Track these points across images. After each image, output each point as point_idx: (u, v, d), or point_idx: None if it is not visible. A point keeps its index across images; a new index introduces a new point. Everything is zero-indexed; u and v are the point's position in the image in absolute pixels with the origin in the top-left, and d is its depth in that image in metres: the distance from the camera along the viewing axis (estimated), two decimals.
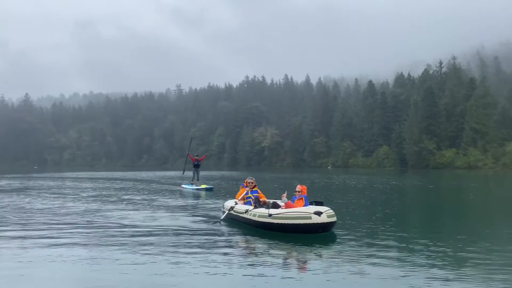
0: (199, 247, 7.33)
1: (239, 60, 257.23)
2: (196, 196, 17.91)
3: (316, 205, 8.87)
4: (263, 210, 8.80)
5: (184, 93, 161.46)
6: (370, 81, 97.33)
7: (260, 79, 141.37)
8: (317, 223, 7.89)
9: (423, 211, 13.92)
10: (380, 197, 17.45)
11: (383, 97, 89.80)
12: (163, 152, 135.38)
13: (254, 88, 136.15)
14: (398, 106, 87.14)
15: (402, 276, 5.53)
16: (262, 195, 10.43)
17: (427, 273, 5.65)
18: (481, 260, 6.31)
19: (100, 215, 11.28)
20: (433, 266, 6.00)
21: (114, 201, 15.26)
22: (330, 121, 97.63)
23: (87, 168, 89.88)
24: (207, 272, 5.79)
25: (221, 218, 10.15)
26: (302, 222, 7.94)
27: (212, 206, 13.78)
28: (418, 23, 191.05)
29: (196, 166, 22.88)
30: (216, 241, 7.86)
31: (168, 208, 13.15)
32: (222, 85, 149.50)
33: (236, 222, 9.74)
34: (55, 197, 16.90)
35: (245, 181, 10.75)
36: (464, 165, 68.13)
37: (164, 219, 10.56)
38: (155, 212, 12.01)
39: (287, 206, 8.96)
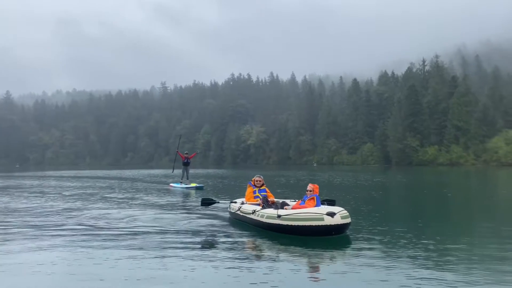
0: (201, 248, 6.98)
1: (224, 58, 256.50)
2: (186, 195, 17.25)
3: (328, 204, 8.45)
4: (271, 211, 8.30)
5: (169, 91, 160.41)
6: (355, 79, 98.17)
7: (246, 76, 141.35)
8: (330, 225, 7.36)
9: (428, 208, 14.12)
10: (372, 194, 17.65)
11: (367, 95, 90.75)
12: (148, 150, 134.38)
13: (239, 86, 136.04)
14: (382, 104, 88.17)
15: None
16: (270, 194, 9.92)
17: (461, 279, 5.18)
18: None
19: (85, 215, 10.98)
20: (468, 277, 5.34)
21: (99, 201, 14.99)
22: (315, 118, 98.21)
23: (71, 167, 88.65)
24: (208, 276, 5.43)
25: (220, 201, 10.27)
26: (314, 224, 7.40)
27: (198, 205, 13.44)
28: (402, 22, 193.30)
29: (186, 164, 22.12)
30: (220, 243, 7.46)
31: (158, 208, 12.58)
32: (207, 83, 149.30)
33: (243, 223, 9.23)
34: (37, 197, 16.60)
35: (253, 179, 10.10)
36: (447, 162, 69.35)
37: (156, 219, 10.06)
38: (144, 212, 11.49)
39: (296, 206, 8.51)
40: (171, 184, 22.40)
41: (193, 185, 20.87)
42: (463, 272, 5.46)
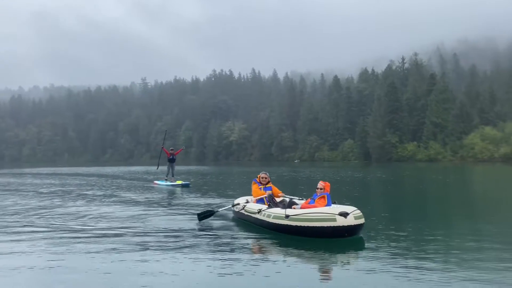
0: (202, 251, 6.48)
1: (205, 54, 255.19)
2: (172, 193, 16.46)
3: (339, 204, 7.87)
4: (279, 210, 7.76)
5: (149, 87, 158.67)
6: (336, 76, 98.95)
7: (228, 73, 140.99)
8: (342, 226, 6.83)
9: (435, 204, 14.31)
10: (357, 190, 17.83)
11: (348, 92, 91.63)
12: (128, 147, 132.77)
13: (221, 82, 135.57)
14: (362, 101, 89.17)
15: None
16: (276, 190, 9.40)
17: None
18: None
19: (65, 215, 10.76)
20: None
21: (79, 199, 14.62)
22: (297, 115, 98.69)
23: (49, 164, 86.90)
24: (209, 280, 5.11)
25: (219, 209, 9.38)
26: (325, 225, 6.87)
27: (192, 203, 12.64)
28: (382, 20, 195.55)
29: (171, 161, 21.36)
30: (223, 245, 6.94)
31: (146, 206, 11.93)
32: (188, 79, 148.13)
33: (247, 223, 8.65)
34: (12, 195, 16.20)
35: (258, 176, 9.55)
36: (425, 158, 70.67)
37: (143, 219, 9.47)
38: (128, 210, 10.98)
39: (305, 205, 7.97)
40: (156, 182, 21.68)
41: (179, 182, 20.08)
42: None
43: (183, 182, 20.01)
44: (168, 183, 20.29)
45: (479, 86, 79.19)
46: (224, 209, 9.68)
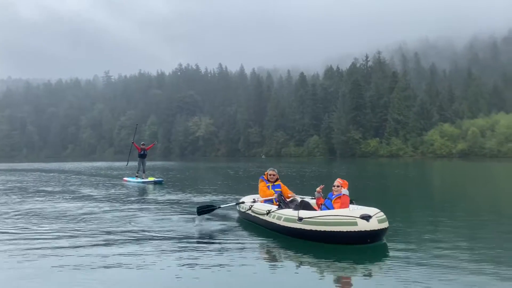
0: (204, 256, 5.87)
1: (171, 48, 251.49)
2: (143, 191, 15.52)
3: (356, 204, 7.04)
4: (290, 212, 6.94)
5: (113, 80, 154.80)
6: (302, 73, 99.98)
7: (194, 67, 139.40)
8: (365, 231, 6.06)
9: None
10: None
11: (314, 88, 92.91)
12: (91, 142, 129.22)
13: (187, 77, 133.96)
14: (327, 97, 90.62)
15: None
16: (287, 189, 8.63)
17: None
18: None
19: (25, 214, 10.53)
20: None
21: (39, 196, 14.26)
22: (264, 111, 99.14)
23: (6, 160, 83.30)
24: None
25: (222, 205, 8.75)
26: (344, 230, 6.08)
27: (166, 200, 12.02)
28: (347, 18, 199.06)
29: (142, 156, 20.21)
30: (227, 249, 6.26)
31: (122, 205, 11.11)
32: (154, 73, 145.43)
33: (254, 225, 7.92)
34: None
35: (265, 173, 8.76)
36: (387, 154, 72.89)
37: (130, 219, 8.78)
38: (97, 210, 10.18)
39: (319, 206, 7.19)
40: (125, 179, 20.51)
41: (151, 179, 18.87)
42: None
43: (156, 179, 18.86)
44: (139, 180, 19.19)
45: (438, 84, 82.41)
46: (226, 206, 8.99)
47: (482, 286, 4.60)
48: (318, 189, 7.65)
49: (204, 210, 8.25)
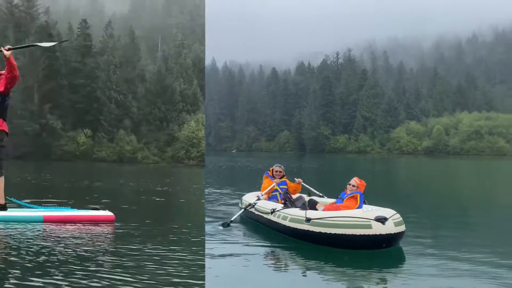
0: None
1: None
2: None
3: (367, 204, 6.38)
4: (297, 212, 6.28)
5: None
6: (274, 69, 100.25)
7: None
8: (380, 235, 5.47)
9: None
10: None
11: (285, 84, 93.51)
12: None
13: None
14: (298, 93, 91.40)
15: None
16: (292, 185, 7.98)
17: None
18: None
19: None
20: None
21: None
22: (235, 105, 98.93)
23: None
24: None
25: (231, 219, 7.35)
26: (358, 233, 5.48)
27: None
28: (319, 15, 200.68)
29: None
30: (229, 252, 5.57)
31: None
32: None
33: (258, 225, 7.27)
34: None
35: (271, 169, 8.18)
36: (355, 150, 74.44)
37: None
38: None
39: (330, 207, 6.60)
40: None
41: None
42: None
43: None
44: None
45: (406, 83, 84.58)
46: (237, 216, 7.61)
47: None
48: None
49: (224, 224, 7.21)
